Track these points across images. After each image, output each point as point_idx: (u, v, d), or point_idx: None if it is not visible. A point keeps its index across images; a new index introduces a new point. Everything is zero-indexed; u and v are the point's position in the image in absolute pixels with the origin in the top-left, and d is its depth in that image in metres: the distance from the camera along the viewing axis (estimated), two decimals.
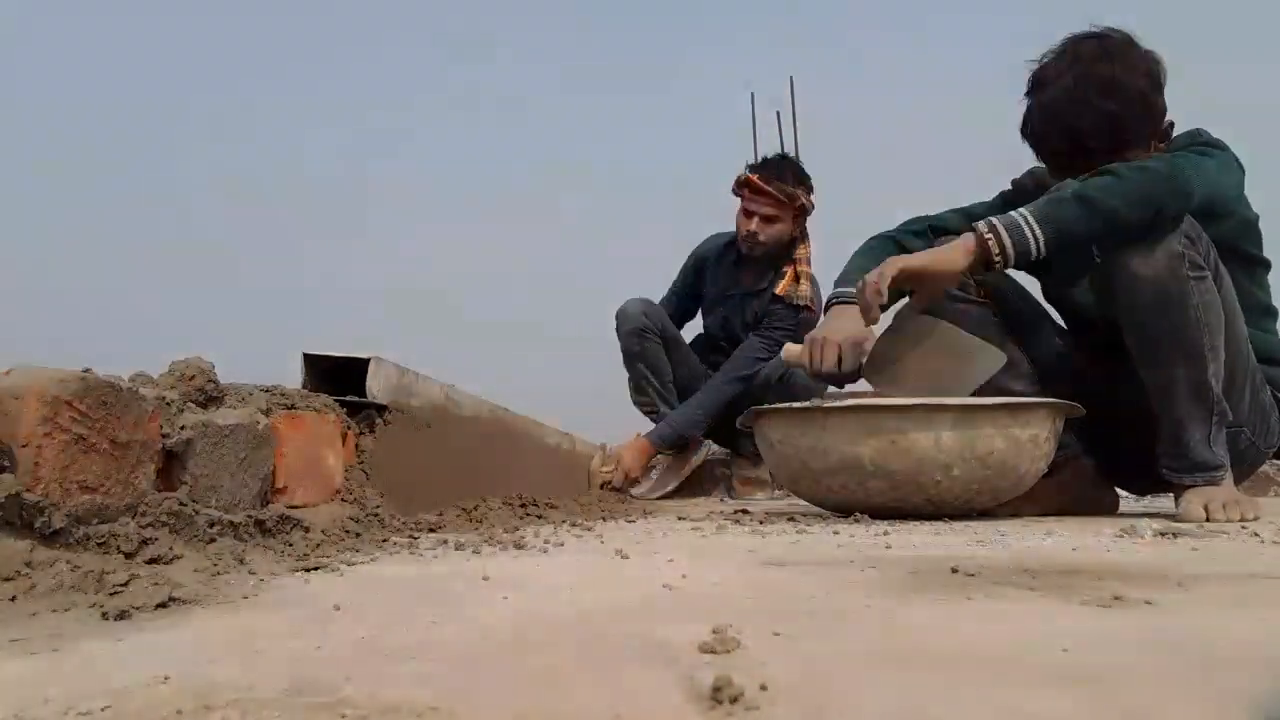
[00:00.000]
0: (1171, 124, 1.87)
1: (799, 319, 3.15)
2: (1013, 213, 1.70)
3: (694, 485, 3.41)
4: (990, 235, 1.68)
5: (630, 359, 3.26)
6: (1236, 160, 1.85)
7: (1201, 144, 1.84)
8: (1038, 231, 1.66)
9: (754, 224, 3.15)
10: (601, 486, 3.16)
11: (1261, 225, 1.90)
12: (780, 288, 3.17)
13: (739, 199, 3.20)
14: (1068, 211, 1.66)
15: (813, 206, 3.21)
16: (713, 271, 3.40)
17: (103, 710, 0.45)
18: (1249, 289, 1.89)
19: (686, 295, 3.50)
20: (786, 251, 3.21)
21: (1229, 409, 1.75)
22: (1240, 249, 1.87)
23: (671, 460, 3.31)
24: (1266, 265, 1.94)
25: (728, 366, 3.21)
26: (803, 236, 3.23)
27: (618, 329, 3.27)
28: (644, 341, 3.23)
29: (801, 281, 3.17)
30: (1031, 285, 2.18)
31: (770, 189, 3.10)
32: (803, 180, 3.19)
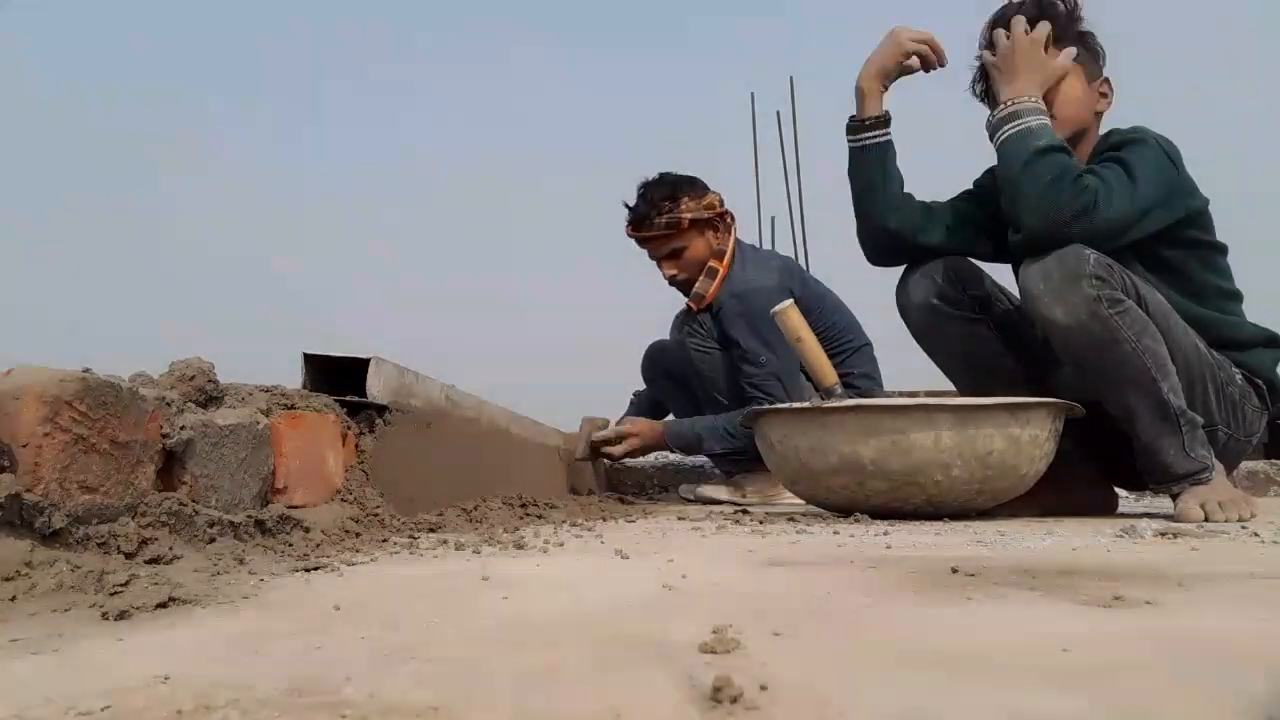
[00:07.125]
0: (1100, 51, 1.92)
1: (721, 314, 2.88)
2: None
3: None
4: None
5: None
6: (1164, 149, 1.81)
7: (1113, 147, 1.82)
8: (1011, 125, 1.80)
9: (665, 268, 2.97)
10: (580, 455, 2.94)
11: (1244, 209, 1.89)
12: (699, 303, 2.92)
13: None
14: (1021, 137, 1.78)
15: (714, 206, 2.91)
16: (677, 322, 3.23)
17: (103, 710, 0.45)
18: (1204, 277, 1.90)
19: None
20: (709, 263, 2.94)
21: (1197, 415, 1.76)
22: (1190, 237, 1.87)
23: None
24: (1223, 250, 1.93)
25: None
26: (724, 233, 2.95)
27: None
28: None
29: (711, 282, 2.89)
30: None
31: (649, 232, 2.90)
32: (679, 192, 2.89)
